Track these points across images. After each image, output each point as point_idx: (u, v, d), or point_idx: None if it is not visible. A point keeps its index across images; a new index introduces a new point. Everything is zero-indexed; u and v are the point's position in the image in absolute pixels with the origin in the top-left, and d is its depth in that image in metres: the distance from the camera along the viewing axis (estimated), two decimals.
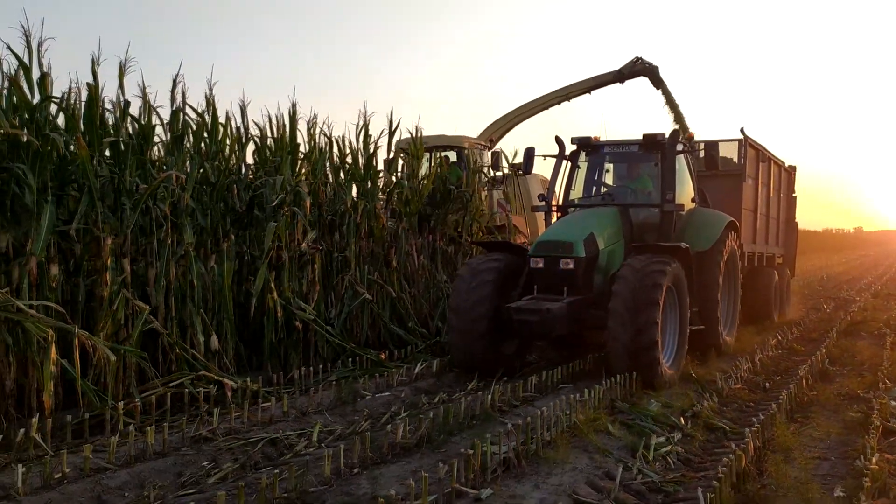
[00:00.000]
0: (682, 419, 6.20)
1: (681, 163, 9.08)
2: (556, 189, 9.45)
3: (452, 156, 13.27)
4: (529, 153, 9.44)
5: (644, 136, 8.82)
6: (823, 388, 7.33)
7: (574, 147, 9.36)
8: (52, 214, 5.91)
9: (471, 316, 7.59)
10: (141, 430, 5.33)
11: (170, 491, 4.53)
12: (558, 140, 9.48)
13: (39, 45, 5.94)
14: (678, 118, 17.83)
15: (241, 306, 7.89)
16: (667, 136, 8.72)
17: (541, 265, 7.80)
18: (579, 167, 9.41)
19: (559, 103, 17.43)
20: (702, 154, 10.86)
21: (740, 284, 10.05)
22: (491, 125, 16.89)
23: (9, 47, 5.85)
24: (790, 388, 6.96)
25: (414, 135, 10.66)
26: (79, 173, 6.40)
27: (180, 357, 6.69)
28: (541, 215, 10.21)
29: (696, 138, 10.34)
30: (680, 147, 8.92)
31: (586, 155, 9.40)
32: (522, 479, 4.71)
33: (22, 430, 5.08)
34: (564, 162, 9.36)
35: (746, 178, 11.26)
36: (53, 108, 6.42)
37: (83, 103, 6.59)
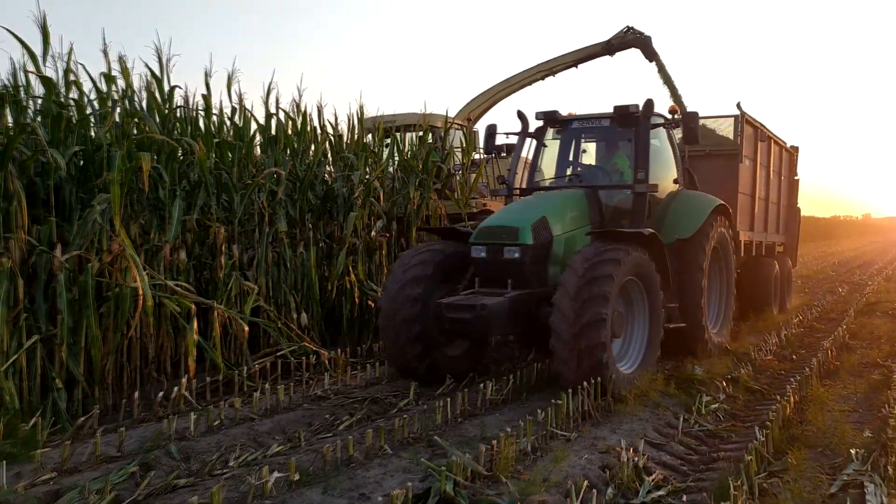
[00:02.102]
0: (724, 383, 7.10)
1: (662, 139, 8.17)
2: (519, 170, 8.37)
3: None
4: (491, 130, 8.38)
5: (615, 108, 7.70)
6: (847, 358, 8.21)
7: (540, 123, 8.29)
8: (181, 207, 6.81)
9: (400, 317, 6.66)
10: (273, 391, 6.27)
11: (310, 434, 5.46)
12: (521, 115, 8.38)
13: (168, 60, 6.85)
14: (673, 93, 16.49)
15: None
16: (640, 107, 7.62)
17: (483, 254, 6.82)
18: (545, 145, 8.35)
19: (543, 78, 16.03)
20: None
21: (734, 276, 9.10)
22: (469, 103, 15.54)
23: (146, 65, 6.80)
24: (818, 356, 7.85)
25: (381, 115, 10.16)
26: (195, 171, 7.31)
27: (281, 331, 7.61)
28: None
29: (686, 112, 8.58)
30: (658, 120, 7.90)
31: (554, 132, 8.38)
32: (600, 426, 5.64)
33: (175, 389, 6.05)
34: (530, 141, 8.34)
35: (743, 158, 10.16)
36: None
37: (191, 110, 7.53)
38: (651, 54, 16.19)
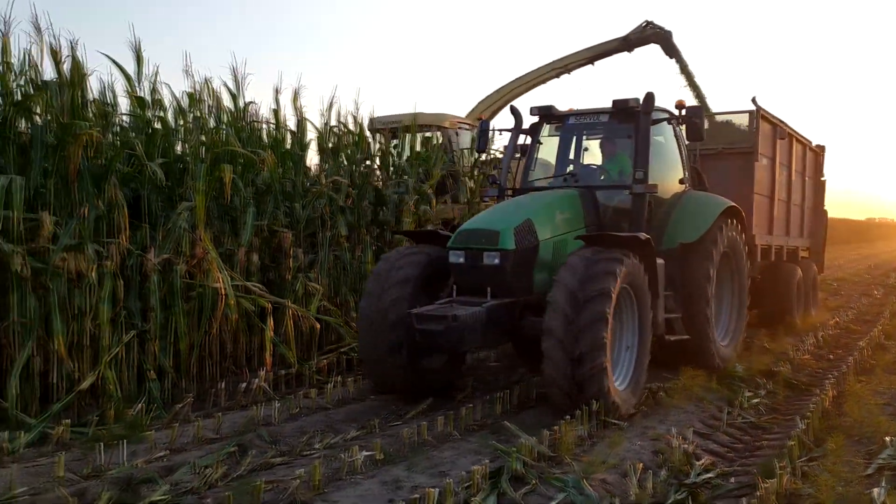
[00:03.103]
0: (764, 380, 7.47)
1: (666, 136, 7.67)
2: (513, 169, 7.97)
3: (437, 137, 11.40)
4: (483, 128, 7.90)
5: (614, 102, 7.27)
6: (882, 357, 8.53)
7: (534, 119, 7.86)
8: (253, 214, 7.37)
9: (381, 324, 6.24)
10: (343, 384, 6.80)
11: (382, 422, 5.95)
12: (514, 110, 8.02)
13: (243, 79, 7.44)
14: (695, 91, 15.74)
15: None
16: (641, 101, 7.14)
17: (461, 260, 6.36)
18: (540, 143, 7.85)
19: (557, 76, 15.43)
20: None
21: (747, 283, 8.53)
22: (481, 102, 15.05)
23: (225, 84, 7.42)
24: (854, 355, 8.19)
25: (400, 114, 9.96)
26: (261, 180, 7.88)
27: (344, 328, 8.14)
28: None
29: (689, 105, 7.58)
30: (661, 115, 7.36)
31: (550, 128, 7.89)
32: (649, 417, 6.07)
33: (255, 381, 6.60)
34: (525, 137, 7.89)
35: (760, 157, 9.63)
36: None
37: (259, 122, 8.12)
38: (671, 50, 15.49)
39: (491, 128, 7.95)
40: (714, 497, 4.42)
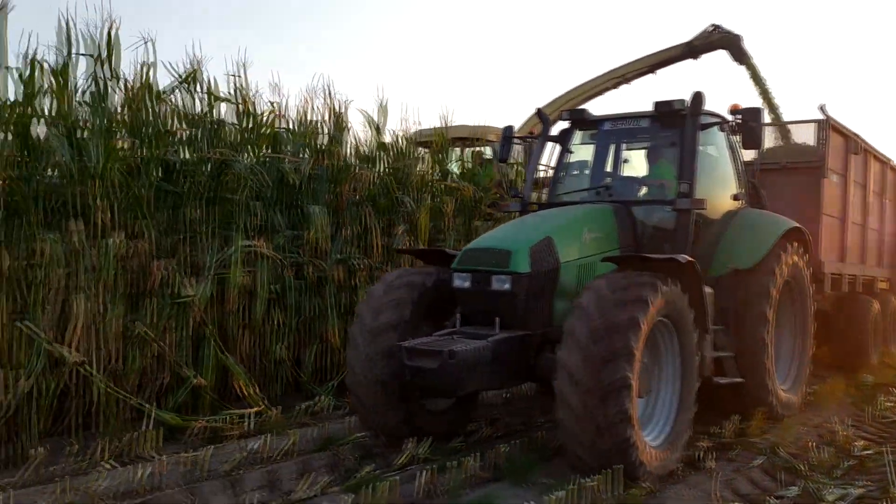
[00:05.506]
0: (893, 388, 8.61)
1: (718, 145, 6.79)
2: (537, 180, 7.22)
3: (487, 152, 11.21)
4: (506, 134, 7.07)
5: (656, 104, 6.34)
6: None
7: (565, 124, 7.05)
8: (454, 235, 8.94)
9: (373, 357, 5.40)
10: None
11: (541, 413, 7.31)
12: (541, 115, 7.34)
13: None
14: (767, 100, 14.44)
15: None
16: (687, 103, 6.19)
17: (467, 284, 5.52)
18: (571, 151, 6.99)
19: (616, 87, 14.21)
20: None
21: (811, 318, 7.47)
22: (532, 116, 13.34)
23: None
24: None
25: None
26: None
27: None
28: None
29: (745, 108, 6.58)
30: (711, 120, 6.53)
31: (583, 135, 7.04)
32: (805, 412, 7.33)
33: None
34: (553, 146, 7.08)
35: (829, 173, 8.60)
36: None
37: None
38: (741, 55, 14.19)
39: (515, 134, 7.17)
40: (879, 466, 5.65)
